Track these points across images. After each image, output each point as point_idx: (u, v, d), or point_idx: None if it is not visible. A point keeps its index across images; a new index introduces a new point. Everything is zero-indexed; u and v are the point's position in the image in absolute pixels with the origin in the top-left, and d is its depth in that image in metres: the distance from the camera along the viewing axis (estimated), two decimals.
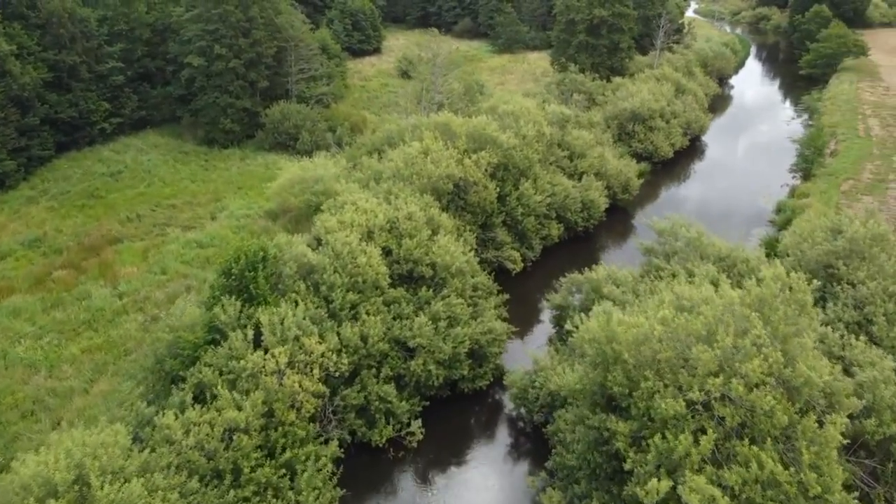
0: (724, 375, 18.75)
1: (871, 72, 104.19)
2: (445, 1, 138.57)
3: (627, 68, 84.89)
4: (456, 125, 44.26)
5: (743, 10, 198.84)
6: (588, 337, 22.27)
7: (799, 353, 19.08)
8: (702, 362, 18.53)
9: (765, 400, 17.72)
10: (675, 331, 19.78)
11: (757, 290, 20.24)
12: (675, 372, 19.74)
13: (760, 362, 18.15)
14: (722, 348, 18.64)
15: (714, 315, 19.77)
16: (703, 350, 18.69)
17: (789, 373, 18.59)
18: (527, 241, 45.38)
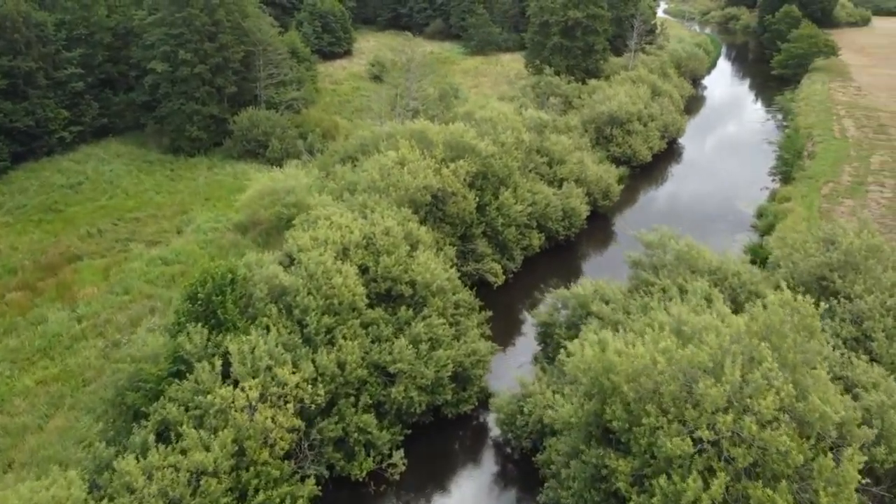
0: (734, 411, 17.40)
1: (841, 72, 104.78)
2: (416, 2, 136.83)
3: (602, 70, 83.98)
4: (432, 133, 42.63)
5: (712, 10, 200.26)
6: (583, 367, 20.80)
7: (811, 384, 17.80)
8: (710, 398, 17.14)
9: (780, 440, 16.38)
10: (679, 362, 18.39)
11: (764, 316, 18.92)
12: (679, 406, 18.35)
13: (774, 398, 16.82)
14: (730, 382, 17.27)
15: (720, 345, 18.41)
16: (711, 385, 17.31)
17: (802, 407, 17.30)
18: (508, 252, 43.91)
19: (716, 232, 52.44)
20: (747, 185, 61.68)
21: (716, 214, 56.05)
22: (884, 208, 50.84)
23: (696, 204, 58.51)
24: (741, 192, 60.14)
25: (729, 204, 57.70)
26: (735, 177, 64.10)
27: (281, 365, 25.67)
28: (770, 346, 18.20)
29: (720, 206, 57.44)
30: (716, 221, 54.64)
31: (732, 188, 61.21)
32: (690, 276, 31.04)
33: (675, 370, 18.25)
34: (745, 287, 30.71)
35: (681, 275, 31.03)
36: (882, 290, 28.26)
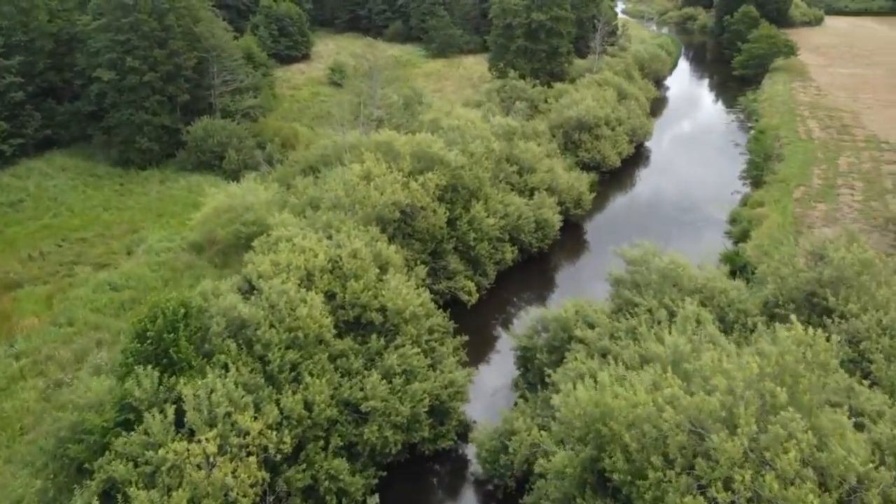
0: (751, 465, 15.69)
1: (801, 72, 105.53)
2: (375, 4, 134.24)
3: (567, 73, 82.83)
4: (399, 144, 40.48)
5: (669, 10, 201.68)
6: (577, 411, 18.93)
7: (832, 430, 16.20)
8: (726, 454, 15.39)
9: (807, 499, 14.70)
10: (686, 409, 16.63)
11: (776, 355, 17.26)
12: (686, 457, 16.60)
13: (796, 452, 15.16)
14: (747, 434, 15.56)
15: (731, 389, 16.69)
16: (726, 439, 15.57)
17: (825, 458, 15.68)
18: (480, 267, 41.98)
19: (689, 239, 51.31)
20: (718, 189, 60.85)
21: (688, 220, 55.02)
22: (856, 212, 50.30)
23: (667, 209, 57.42)
24: (712, 196, 59.26)
25: (701, 209, 56.74)
26: (705, 181, 63.28)
27: (241, 410, 23.27)
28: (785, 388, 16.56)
29: (692, 212, 56.44)
30: (688, 228, 53.58)
31: (703, 193, 60.32)
32: (677, 295, 29.50)
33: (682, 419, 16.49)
34: (734, 306, 29.28)
35: (667, 294, 29.45)
36: (877, 307, 27.04)
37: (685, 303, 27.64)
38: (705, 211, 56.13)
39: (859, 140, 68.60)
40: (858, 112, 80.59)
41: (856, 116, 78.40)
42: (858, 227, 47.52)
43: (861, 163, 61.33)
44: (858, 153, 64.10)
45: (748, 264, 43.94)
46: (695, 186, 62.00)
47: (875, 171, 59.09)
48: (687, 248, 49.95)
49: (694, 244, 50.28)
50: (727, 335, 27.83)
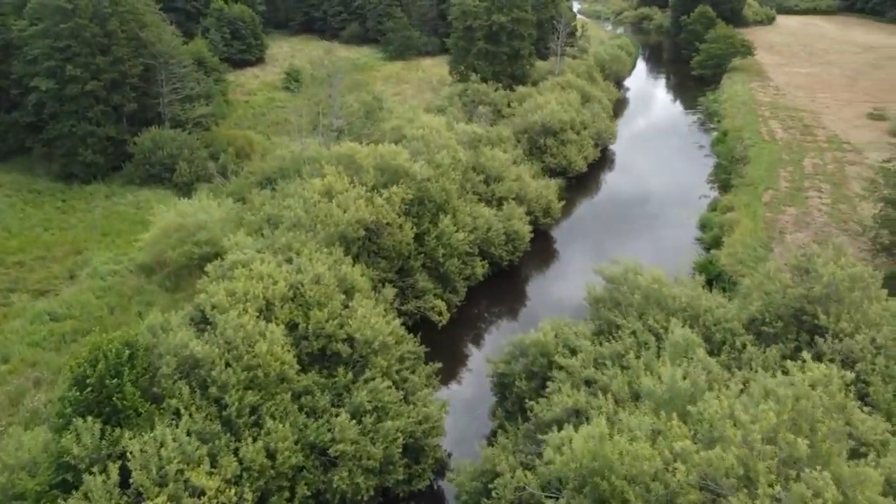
0: None
1: (758, 71, 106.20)
2: (331, 6, 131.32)
3: (529, 75, 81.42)
4: (361, 157, 38.26)
5: (625, 9, 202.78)
6: (574, 465, 17.09)
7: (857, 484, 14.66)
8: None
9: None
10: (698, 465, 14.93)
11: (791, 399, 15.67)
12: None
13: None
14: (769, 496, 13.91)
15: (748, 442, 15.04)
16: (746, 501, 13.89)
17: None
18: (450, 284, 40.00)
19: (660, 246, 50.27)
20: (685, 192, 60.05)
21: (658, 226, 53.96)
22: (826, 216, 49.81)
23: (636, 215, 56.28)
24: (680, 200, 58.39)
25: (669, 214, 55.73)
26: (672, 184, 62.45)
27: (196, 465, 20.89)
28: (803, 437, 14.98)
29: (661, 217, 55.41)
30: (658, 234, 52.52)
31: (671, 197, 59.44)
32: (661, 315, 28.00)
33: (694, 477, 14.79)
34: (721, 325, 27.88)
35: (651, 315, 27.90)
36: (868, 324, 25.90)
37: (671, 324, 26.15)
38: (674, 216, 55.12)
39: (821, 140, 68.67)
40: (818, 112, 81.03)
41: (816, 116, 78.75)
42: (829, 232, 47.05)
43: (825, 164, 61.18)
44: (822, 154, 64.02)
45: (723, 273, 42.99)
46: (662, 190, 61.09)
47: (840, 173, 58.94)
48: (659, 255, 49.00)
49: (665, 251, 49.29)
50: (715, 355, 26.49)
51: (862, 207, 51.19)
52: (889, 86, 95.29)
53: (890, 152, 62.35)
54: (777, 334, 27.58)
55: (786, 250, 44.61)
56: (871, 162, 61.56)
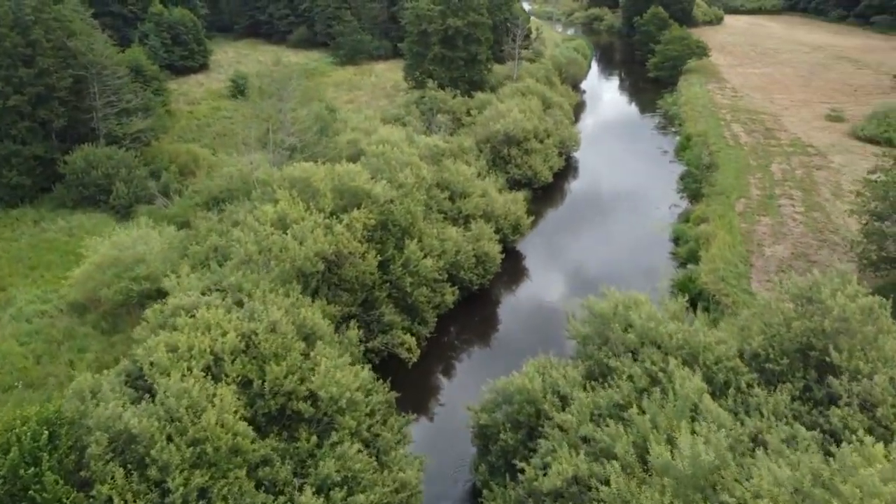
0: None
1: (714, 73, 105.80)
2: (277, 9, 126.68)
3: (487, 81, 78.77)
4: (317, 179, 34.80)
5: (576, 10, 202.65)
6: None
7: None
8: None
9: None
10: None
11: None
12: None
13: None
14: None
15: None
16: None
17: None
18: (419, 315, 36.86)
19: (634, 261, 48.10)
20: (655, 202, 58.14)
21: (629, 239, 51.79)
22: (802, 225, 48.29)
23: (606, 227, 54.08)
24: (650, 211, 56.44)
25: (641, 226, 53.65)
26: (640, 193, 60.47)
27: None
28: None
29: (632, 230, 53.26)
30: (631, 248, 50.35)
31: (641, 207, 57.42)
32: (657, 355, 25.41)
33: None
34: (722, 364, 25.42)
35: (647, 356, 25.27)
36: (884, 360, 23.74)
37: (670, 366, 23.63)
38: (646, 228, 53.06)
39: (785, 144, 67.73)
40: (777, 114, 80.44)
41: (776, 119, 78.07)
42: (807, 243, 45.51)
43: (793, 169, 60.02)
44: (788, 159, 62.93)
45: (704, 291, 40.90)
46: (631, 200, 59.04)
47: (809, 179, 57.78)
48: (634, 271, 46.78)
49: (640, 267, 47.16)
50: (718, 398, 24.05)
51: (836, 215, 49.97)
52: (841, 86, 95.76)
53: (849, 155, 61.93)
54: (783, 372, 25.28)
55: (766, 264, 42.86)
56: (836, 166, 60.77)
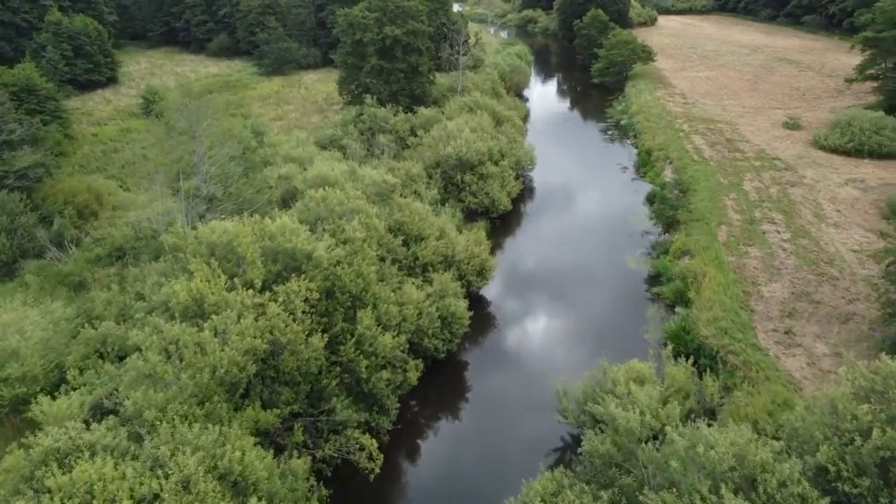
0: None
1: (660, 78, 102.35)
2: (194, 14, 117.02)
3: (430, 94, 72.26)
4: (244, 243, 27.43)
5: (508, 12, 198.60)
6: None
7: None
8: None
9: None
10: None
11: None
12: None
13: None
14: None
15: None
16: None
17: None
18: (378, 403, 29.92)
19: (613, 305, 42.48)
20: (625, 229, 52.78)
21: (604, 278, 46.13)
22: (793, 256, 43.60)
23: (575, 263, 48.24)
24: (621, 240, 51.02)
25: (614, 259, 48.09)
26: (607, 219, 55.08)
27: None
28: None
29: (605, 264, 47.62)
30: (608, 289, 44.70)
31: (610, 236, 51.95)
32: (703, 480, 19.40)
33: None
34: (788, 490, 19.58)
35: (691, 488, 19.21)
36: None
37: None
38: (621, 262, 47.53)
39: (752, 157, 63.67)
40: (734, 122, 76.82)
41: (734, 128, 74.36)
42: (805, 279, 40.76)
43: (767, 187, 55.73)
44: (759, 175, 58.73)
45: (704, 346, 35.40)
46: (599, 228, 53.52)
47: (785, 197, 53.54)
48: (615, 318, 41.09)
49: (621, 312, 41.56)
50: None
51: (825, 242, 45.60)
52: (789, 90, 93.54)
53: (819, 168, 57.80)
54: (862, 495, 19.69)
55: (767, 309, 37.76)
56: (809, 181, 56.88)
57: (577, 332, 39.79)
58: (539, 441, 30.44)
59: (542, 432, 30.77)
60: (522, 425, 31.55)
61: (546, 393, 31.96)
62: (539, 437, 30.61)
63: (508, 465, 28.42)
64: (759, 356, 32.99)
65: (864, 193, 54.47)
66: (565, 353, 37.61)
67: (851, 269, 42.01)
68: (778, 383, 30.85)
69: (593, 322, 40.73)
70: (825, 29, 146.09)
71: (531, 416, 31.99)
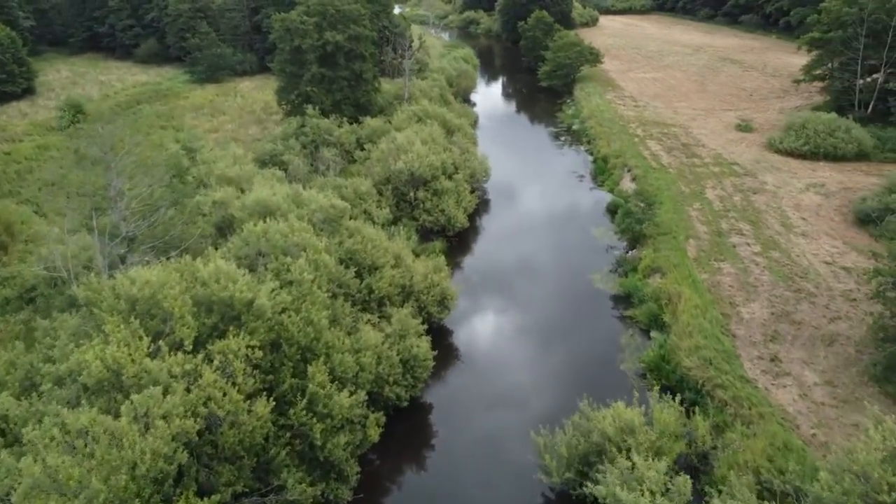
0: None
1: (607, 80, 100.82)
2: (119, 18, 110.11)
3: (376, 103, 68.46)
4: (172, 295, 23.25)
5: (450, 13, 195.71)
6: None
7: None
8: None
9: None
10: None
11: None
12: None
13: None
14: None
15: None
16: None
17: None
18: (336, 470, 26.12)
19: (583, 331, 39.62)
20: (589, 244, 50.14)
21: (570, 299, 43.25)
22: (767, 272, 41.57)
23: (540, 284, 45.27)
24: (585, 257, 48.31)
25: (580, 279, 45.25)
26: (568, 234, 52.32)
27: None
28: None
29: (571, 285, 44.76)
30: (575, 311, 41.83)
31: (573, 252, 49.21)
32: None
33: None
34: None
35: None
36: None
37: None
38: (587, 282, 44.73)
39: (710, 163, 62.05)
40: (687, 126, 75.44)
41: (688, 132, 72.92)
42: (782, 297, 38.68)
43: (730, 195, 53.97)
44: (720, 182, 57.01)
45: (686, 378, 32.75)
46: (560, 244, 50.68)
47: (749, 206, 51.84)
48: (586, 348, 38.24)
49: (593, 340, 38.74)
50: None
51: (796, 254, 43.83)
52: (736, 90, 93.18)
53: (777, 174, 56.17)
54: None
55: (750, 333, 35.44)
56: (771, 188, 55.41)
57: (547, 362, 36.73)
58: (518, 500, 27.17)
59: (520, 486, 27.51)
60: (497, 478, 28.22)
61: (521, 436, 28.83)
62: (517, 495, 27.34)
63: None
64: (748, 390, 30.48)
65: (826, 199, 53.25)
66: (537, 387, 34.48)
67: (827, 283, 40.21)
68: (773, 421, 28.37)
69: (564, 351, 37.75)
70: (762, 28, 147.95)
71: (506, 468, 28.70)
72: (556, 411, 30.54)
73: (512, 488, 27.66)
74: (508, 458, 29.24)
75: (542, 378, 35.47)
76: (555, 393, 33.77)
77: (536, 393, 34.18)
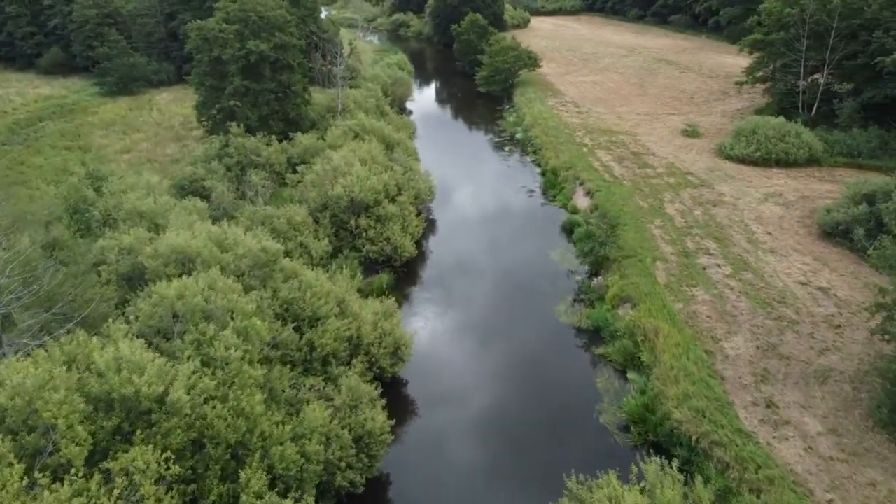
0: None
1: (546, 84, 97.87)
2: (18, 26, 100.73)
3: (307, 116, 63.04)
4: (55, 401, 17.82)
5: (378, 16, 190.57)
6: None
7: None
8: None
9: None
10: None
11: None
12: None
13: None
14: None
15: None
16: None
17: None
18: None
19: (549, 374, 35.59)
20: (548, 270, 46.26)
21: (534, 337, 39.14)
22: (744, 297, 38.53)
23: (499, 318, 41.01)
24: (544, 285, 44.38)
25: (542, 311, 41.25)
26: (524, 258, 48.35)
27: None
28: None
29: (533, 319, 40.70)
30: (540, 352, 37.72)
31: (531, 280, 45.21)
32: None
33: None
34: None
35: None
36: None
37: None
38: (549, 315, 40.77)
39: (662, 172, 59.32)
40: (633, 132, 72.86)
41: (636, 139, 70.28)
42: (764, 327, 35.60)
43: (690, 209, 51.14)
44: (677, 194, 54.17)
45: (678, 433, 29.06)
46: (516, 272, 46.54)
47: (712, 221, 49.06)
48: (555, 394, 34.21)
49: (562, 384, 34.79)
50: None
51: (768, 274, 41.04)
52: (677, 92, 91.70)
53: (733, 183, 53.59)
54: None
55: (738, 374, 32.06)
56: (729, 199, 52.91)
57: (516, 417, 32.45)
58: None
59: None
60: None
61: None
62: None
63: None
64: (750, 447, 26.93)
65: (787, 210, 51.03)
66: (508, 452, 30.15)
67: (807, 308, 37.41)
68: (785, 487, 24.88)
69: (536, 402, 33.53)
70: (692, 28, 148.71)
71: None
72: (535, 480, 26.33)
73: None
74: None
75: (510, 433, 31.18)
76: (527, 453, 29.55)
77: (505, 455, 29.85)
